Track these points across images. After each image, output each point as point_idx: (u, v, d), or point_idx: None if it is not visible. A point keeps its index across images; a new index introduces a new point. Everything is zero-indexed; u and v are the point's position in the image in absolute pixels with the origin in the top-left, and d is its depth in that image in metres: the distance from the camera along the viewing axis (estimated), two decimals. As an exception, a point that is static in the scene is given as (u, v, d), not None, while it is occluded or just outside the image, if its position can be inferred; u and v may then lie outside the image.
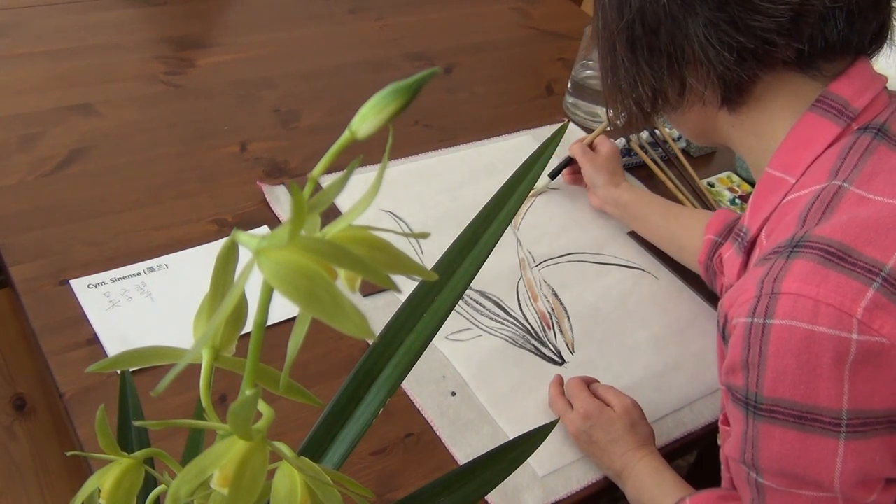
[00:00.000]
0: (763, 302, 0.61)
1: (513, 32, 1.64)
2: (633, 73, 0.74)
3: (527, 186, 0.54)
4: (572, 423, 0.87)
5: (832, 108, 0.69)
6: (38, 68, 1.25)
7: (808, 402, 0.60)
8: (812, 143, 0.70)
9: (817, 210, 0.65)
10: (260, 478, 0.37)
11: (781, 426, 0.61)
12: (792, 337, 0.59)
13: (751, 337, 0.61)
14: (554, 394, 0.92)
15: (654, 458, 0.85)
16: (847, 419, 0.59)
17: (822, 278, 0.59)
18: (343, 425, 0.53)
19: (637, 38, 0.72)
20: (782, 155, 0.71)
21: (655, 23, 0.70)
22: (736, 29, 0.66)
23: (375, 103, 0.35)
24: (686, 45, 0.69)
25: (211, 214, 1.07)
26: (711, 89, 0.71)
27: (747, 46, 0.67)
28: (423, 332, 0.52)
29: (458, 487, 0.55)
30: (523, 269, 1.10)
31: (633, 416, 0.87)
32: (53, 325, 0.89)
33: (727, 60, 0.68)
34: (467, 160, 1.25)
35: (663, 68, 0.72)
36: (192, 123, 1.21)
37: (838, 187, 0.65)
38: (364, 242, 0.36)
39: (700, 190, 1.26)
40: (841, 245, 0.60)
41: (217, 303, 0.38)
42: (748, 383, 0.62)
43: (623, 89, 0.77)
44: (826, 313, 0.58)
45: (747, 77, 0.69)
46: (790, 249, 0.62)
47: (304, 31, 1.49)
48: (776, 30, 0.66)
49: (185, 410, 0.82)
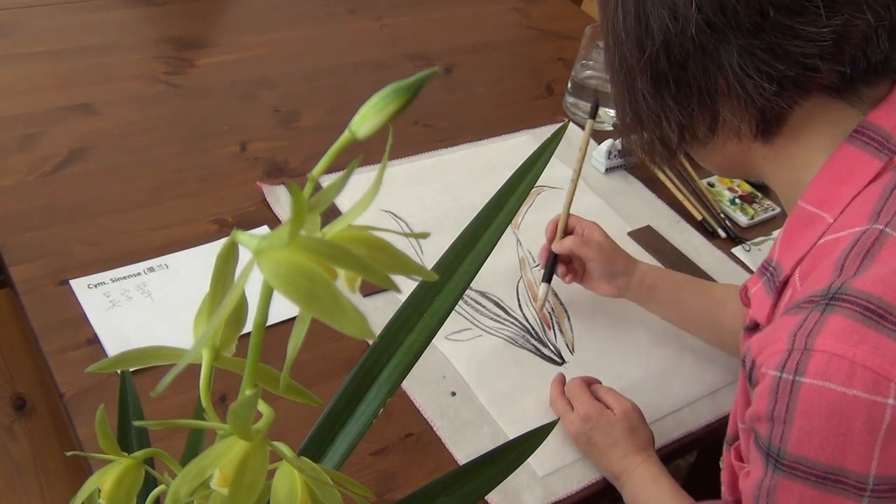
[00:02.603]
0: (794, 357, 0.57)
1: (513, 32, 1.64)
2: (657, 109, 0.68)
3: (527, 186, 0.54)
4: (572, 424, 0.87)
5: (873, 141, 0.64)
6: (38, 68, 1.25)
7: (833, 465, 0.57)
8: (851, 178, 0.65)
9: (856, 257, 0.60)
10: (260, 478, 0.37)
11: (802, 483, 0.59)
12: (823, 399, 0.56)
13: (779, 392, 0.58)
14: (555, 393, 0.91)
15: (651, 463, 0.84)
16: (874, 484, 0.56)
17: (860, 338, 0.55)
18: (343, 425, 0.53)
19: (662, 73, 0.66)
20: (817, 189, 0.66)
21: (683, 56, 0.64)
22: (775, 57, 0.61)
23: (375, 103, 0.35)
24: (720, 78, 0.64)
25: (211, 214, 1.07)
26: (747, 122, 0.66)
27: (787, 74, 0.62)
28: (423, 332, 0.52)
29: (458, 487, 0.55)
30: (523, 269, 1.09)
31: (632, 420, 0.86)
32: (53, 325, 0.89)
33: (766, 91, 0.62)
34: (467, 160, 1.25)
35: (692, 104, 0.66)
36: (192, 123, 1.21)
37: (880, 232, 0.61)
38: (364, 242, 0.36)
39: (700, 190, 1.26)
40: (881, 302, 0.56)
41: (217, 303, 0.38)
42: (772, 436, 0.59)
43: (646, 126, 0.71)
44: (862, 376, 0.55)
45: (787, 106, 0.64)
46: (826, 302, 0.58)
47: (304, 31, 1.49)
48: (818, 54, 0.61)
49: (185, 410, 0.82)
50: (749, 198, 1.27)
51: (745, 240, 1.20)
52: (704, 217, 1.22)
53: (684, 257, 1.15)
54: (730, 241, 1.20)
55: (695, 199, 1.24)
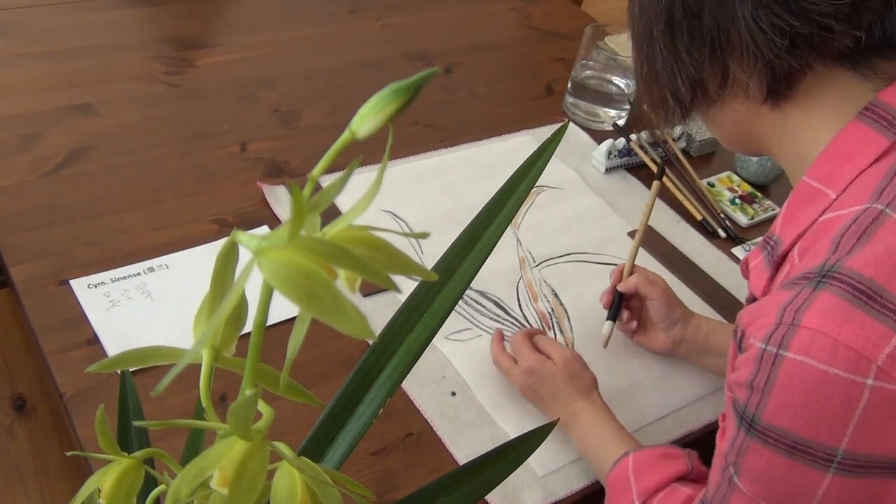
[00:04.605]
0: (780, 331, 0.58)
1: (513, 32, 1.64)
2: (671, 62, 0.69)
3: (527, 186, 0.54)
4: (517, 378, 0.89)
5: (882, 119, 0.64)
6: (38, 68, 1.25)
7: (804, 436, 0.58)
8: (856, 155, 0.64)
9: (852, 235, 0.60)
10: (260, 478, 0.37)
11: (772, 450, 0.60)
12: (803, 374, 0.56)
13: (762, 363, 0.59)
14: (497, 350, 0.92)
15: (595, 408, 0.85)
16: (841, 458, 0.57)
17: (847, 317, 0.56)
18: (343, 425, 0.53)
19: (677, 22, 0.66)
20: (822, 164, 0.66)
21: (698, 5, 0.64)
22: (789, 12, 0.60)
23: (375, 103, 0.35)
24: (732, 30, 0.63)
25: (211, 214, 1.07)
26: (757, 80, 0.65)
27: (801, 32, 0.61)
28: (423, 332, 0.52)
29: (458, 487, 0.55)
30: (523, 269, 1.10)
31: (572, 367, 0.87)
32: (53, 325, 0.89)
33: (778, 47, 0.62)
34: (467, 160, 1.25)
35: (704, 56, 0.66)
36: (192, 123, 1.21)
37: (879, 212, 0.60)
38: (364, 242, 0.36)
39: (700, 190, 1.26)
40: (872, 283, 0.56)
41: (217, 303, 0.38)
42: (749, 403, 0.60)
43: (661, 81, 0.71)
44: (845, 356, 0.55)
45: (798, 66, 0.63)
46: (819, 279, 0.58)
47: (304, 31, 1.49)
48: (834, 14, 0.60)
49: (185, 410, 0.82)
50: (749, 198, 1.27)
51: (745, 240, 1.20)
52: (704, 217, 1.22)
53: (684, 257, 1.15)
54: (730, 241, 1.20)
55: (695, 199, 1.24)
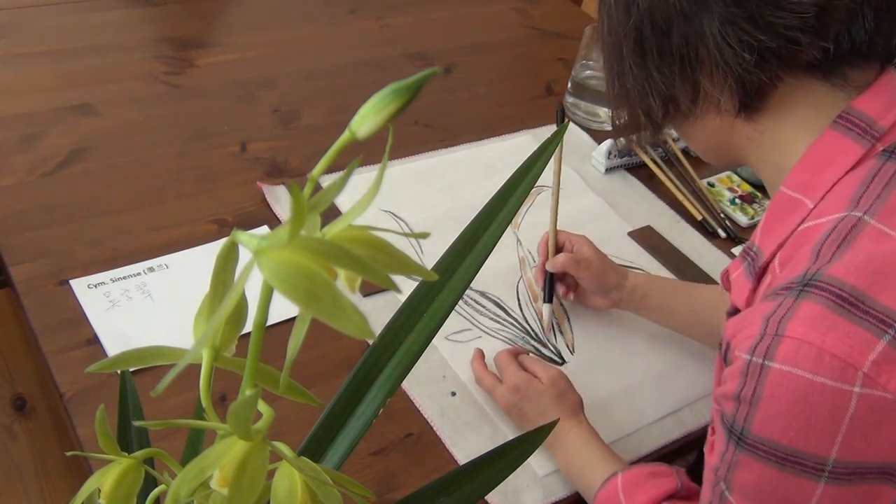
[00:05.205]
0: (765, 342, 0.58)
1: (513, 32, 1.64)
2: (641, 79, 0.69)
3: (527, 186, 0.54)
4: (502, 397, 0.88)
5: (855, 127, 0.64)
6: (38, 68, 1.25)
7: (794, 447, 0.58)
8: (832, 163, 0.64)
9: (832, 243, 0.60)
10: (260, 478, 0.37)
11: (762, 462, 0.59)
12: (790, 384, 0.56)
13: (748, 374, 0.59)
14: (479, 369, 0.92)
15: (581, 429, 0.85)
16: (832, 466, 0.57)
17: (830, 325, 0.56)
18: (343, 425, 0.53)
19: (646, 40, 0.66)
20: (799, 173, 0.66)
21: (666, 23, 0.65)
22: (755, 26, 0.61)
23: (375, 103, 0.35)
24: (700, 46, 0.64)
25: (211, 214, 1.07)
26: (728, 94, 0.66)
27: (769, 46, 0.61)
28: (423, 332, 0.52)
29: (458, 487, 0.55)
30: (523, 269, 1.09)
31: (559, 387, 0.87)
32: (53, 325, 0.89)
33: (746, 62, 0.62)
34: (467, 160, 1.25)
35: (675, 73, 0.67)
36: (192, 123, 1.21)
37: (858, 219, 0.61)
38: (364, 242, 0.36)
39: (700, 190, 1.26)
40: (854, 290, 0.57)
41: (217, 303, 0.38)
42: (737, 416, 0.60)
43: (632, 98, 0.71)
44: (830, 364, 0.55)
45: (767, 80, 0.64)
46: (800, 288, 0.58)
47: (304, 31, 1.49)
48: (800, 27, 0.60)
49: (185, 410, 0.82)
50: (749, 198, 1.27)
51: (745, 240, 1.20)
52: (704, 217, 1.22)
53: (684, 257, 1.15)
54: (730, 241, 1.20)
55: (695, 199, 1.24)
